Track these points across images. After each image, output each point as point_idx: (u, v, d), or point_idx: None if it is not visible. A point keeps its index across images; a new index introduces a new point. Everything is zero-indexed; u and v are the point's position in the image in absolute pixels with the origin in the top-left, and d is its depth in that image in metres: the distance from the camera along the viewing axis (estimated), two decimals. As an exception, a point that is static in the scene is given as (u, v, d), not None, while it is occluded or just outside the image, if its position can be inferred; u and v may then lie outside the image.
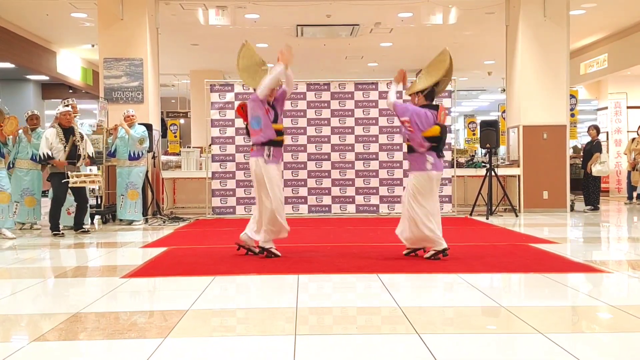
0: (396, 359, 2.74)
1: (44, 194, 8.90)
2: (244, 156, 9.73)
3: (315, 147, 9.87)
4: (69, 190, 7.71)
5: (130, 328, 3.26)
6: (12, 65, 13.26)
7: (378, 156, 9.86)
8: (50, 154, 7.53)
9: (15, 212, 8.08)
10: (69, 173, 7.47)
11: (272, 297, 4.15)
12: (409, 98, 5.64)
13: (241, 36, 5.74)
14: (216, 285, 4.39)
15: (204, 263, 5.34)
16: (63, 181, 7.46)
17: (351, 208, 9.83)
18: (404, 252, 5.53)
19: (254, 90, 5.54)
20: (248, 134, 5.62)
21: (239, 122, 9.69)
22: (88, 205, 8.06)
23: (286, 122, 9.79)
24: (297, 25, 11.89)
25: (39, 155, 7.64)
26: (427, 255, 5.33)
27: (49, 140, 7.57)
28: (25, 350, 2.91)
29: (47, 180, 8.11)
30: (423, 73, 5.55)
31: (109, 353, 2.90)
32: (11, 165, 8.22)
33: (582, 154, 12.14)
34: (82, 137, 7.88)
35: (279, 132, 5.48)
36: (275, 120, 5.45)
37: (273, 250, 5.50)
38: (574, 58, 13.74)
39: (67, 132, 7.70)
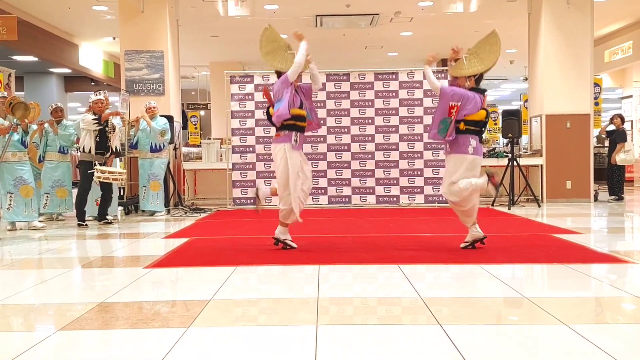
0: (417, 350, 2.74)
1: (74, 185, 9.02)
2: (264, 147, 9.75)
3: (335, 137, 9.86)
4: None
5: (153, 317, 3.31)
6: (36, 59, 13.46)
7: (398, 147, 9.81)
8: (96, 119, 7.61)
9: (45, 204, 8.21)
10: (97, 164, 7.55)
11: (293, 288, 4.16)
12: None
13: (261, 27, 5.70)
14: (237, 276, 4.42)
15: (225, 253, 5.38)
16: (89, 172, 7.55)
17: (371, 199, 9.81)
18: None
19: (278, 74, 5.46)
20: (269, 119, 5.46)
21: (259, 114, 9.72)
22: (112, 197, 8.14)
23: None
24: (317, 15, 11.85)
25: (91, 121, 7.64)
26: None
27: (87, 117, 7.66)
28: (52, 339, 2.97)
29: (76, 167, 8.19)
30: (473, 56, 5.31)
31: (133, 342, 2.94)
32: (42, 159, 8.35)
33: (605, 138, 11.91)
34: (114, 129, 7.94)
35: (301, 118, 5.37)
36: (300, 107, 5.36)
37: (288, 242, 5.51)
38: (598, 46, 13.49)
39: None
